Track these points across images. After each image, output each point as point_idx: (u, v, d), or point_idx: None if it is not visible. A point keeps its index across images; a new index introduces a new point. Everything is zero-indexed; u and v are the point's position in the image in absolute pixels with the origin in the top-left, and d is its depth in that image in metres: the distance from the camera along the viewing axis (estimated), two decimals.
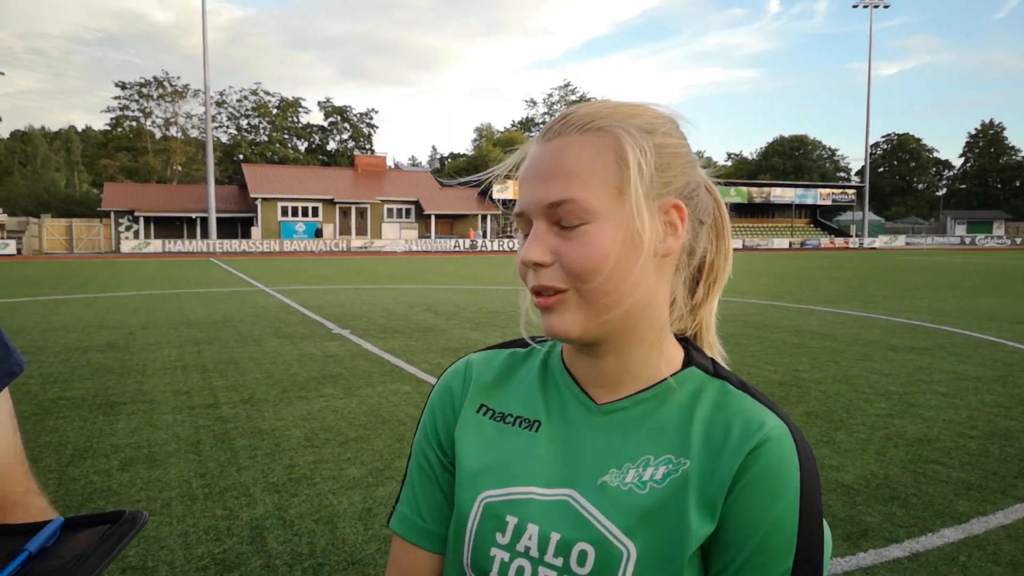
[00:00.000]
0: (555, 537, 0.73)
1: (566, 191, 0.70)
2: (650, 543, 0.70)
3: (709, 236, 0.81)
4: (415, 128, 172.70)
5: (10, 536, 0.71)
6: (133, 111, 69.93)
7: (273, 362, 7.71)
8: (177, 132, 71.51)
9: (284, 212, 49.70)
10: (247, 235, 49.47)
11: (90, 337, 9.42)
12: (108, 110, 70.95)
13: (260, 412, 5.66)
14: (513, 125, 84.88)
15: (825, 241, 59.15)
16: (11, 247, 38.61)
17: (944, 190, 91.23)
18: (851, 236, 61.95)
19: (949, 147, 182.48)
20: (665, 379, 0.77)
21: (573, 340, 0.74)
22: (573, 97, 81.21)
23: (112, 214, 47.26)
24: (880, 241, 60.46)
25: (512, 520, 0.76)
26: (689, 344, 0.82)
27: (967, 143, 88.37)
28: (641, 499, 0.72)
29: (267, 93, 75.19)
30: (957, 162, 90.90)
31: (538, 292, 0.73)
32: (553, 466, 0.77)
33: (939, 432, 5.08)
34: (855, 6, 61.11)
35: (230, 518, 3.63)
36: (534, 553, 0.74)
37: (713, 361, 0.81)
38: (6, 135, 77.84)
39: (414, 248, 48.27)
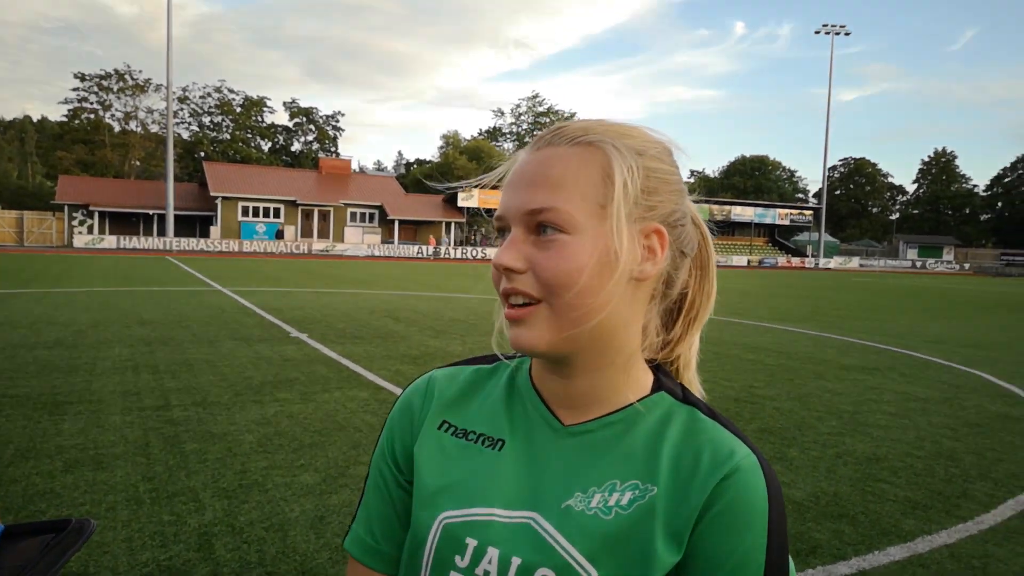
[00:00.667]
0: (516, 562, 0.72)
1: (548, 200, 0.70)
2: (613, 570, 0.69)
3: (691, 270, 0.81)
4: (382, 133, 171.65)
5: None
6: (92, 103, 68.48)
7: (228, 364, 7.57)
8: (137, 127, 70.20)
9: (245, 212, 49.00)
10: (206, 234, 48.63)
11: (38, 334, 9.15)
12: (66, 101, 69.16)
13: (212, 415, 5.54)
14: (480, 134, 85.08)
15: (782, 260, 60.34)
16: None
17: (897, 214, 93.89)
18: (807, 256, 63.31)
19: (903, 173, 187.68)
20: (632, 404, 0.76)
21: (539, 354, 0.73)
22: (541, 108, 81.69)
23: (66, 208, 46.08)
24: (835, 262, 61.86)
25: (472, 543, 0.74)
26: (659, 370, 0.81)
27: (920, 170, 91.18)
28: (606, 525, 0.71)
29: (231, 91, 74.24)
30: (910, 188, 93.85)
31: (507, 296, 0.72)
32: (516, 487, 0.76)
33: (887, 451, 5.19)
34: (817, 32, 62.80)
35: (177, 524, 3.54)
36: None
37: (682, 387, 0.80)
38: None
39: (376, 253, 47.94)
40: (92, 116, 68.15)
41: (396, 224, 52.14)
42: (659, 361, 0.82)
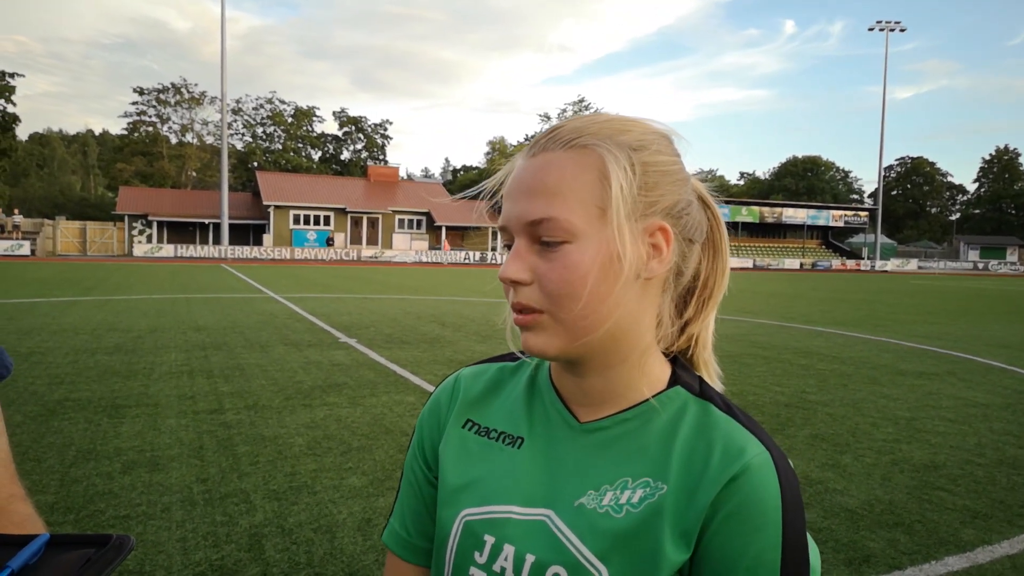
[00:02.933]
0: (530, 559, 0.73)
1: (547, 210, 0.69)
2: (623, 569, 0.69)
3: (702, 253, 0.79)
4: (429, 140, 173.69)
5: None
6: (150, 116, 70.64)
7: (279, 369, 7.73)
8: (193, 138, 72.16)
9: (296, 220, 49.94)
10: (259, 242, 49.71)
11: (99, 339, 9.47)
12: (125, 115, 71.57)
13: (264, 419, 5.66)
14: (526, 139, 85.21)
15: (836, 263, 58.90)
16: (25, 248, 38.94)
17: (957, 215, 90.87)
18: (863, 258, 61.67)
19: (963, 172, 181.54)
20: (647, 399, 0.76)
21: (550, 359, 0.74)
22: (586, 113, 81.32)
23: (126, 218, 47.61)
24: (892, 264, 60.14)
25: (490, 539, 0.76)
26: (677, 363, 0.80)
27: (981, 168, 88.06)
28: (616, 523, 0.71)
29: (282, 102, 75.77)
30: (971, 187, 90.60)
31: (517, 309, 0.72)
32: (533, 485, 0.77)
33: (946, 459, 5.03)
34: (871, 29, 61.18)
35: (229, 524, 3.62)
36: (510, 574, 0.73)
37: (701, 380, 0.79)
38: (24, 137, 78.64)
39: (424, 259, 48.36)
40: (150, 129, 70.33)
41: (443, 230, 52.54)
42: (676, 348, 0.81)
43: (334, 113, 79.92)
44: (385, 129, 79.54)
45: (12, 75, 54.20)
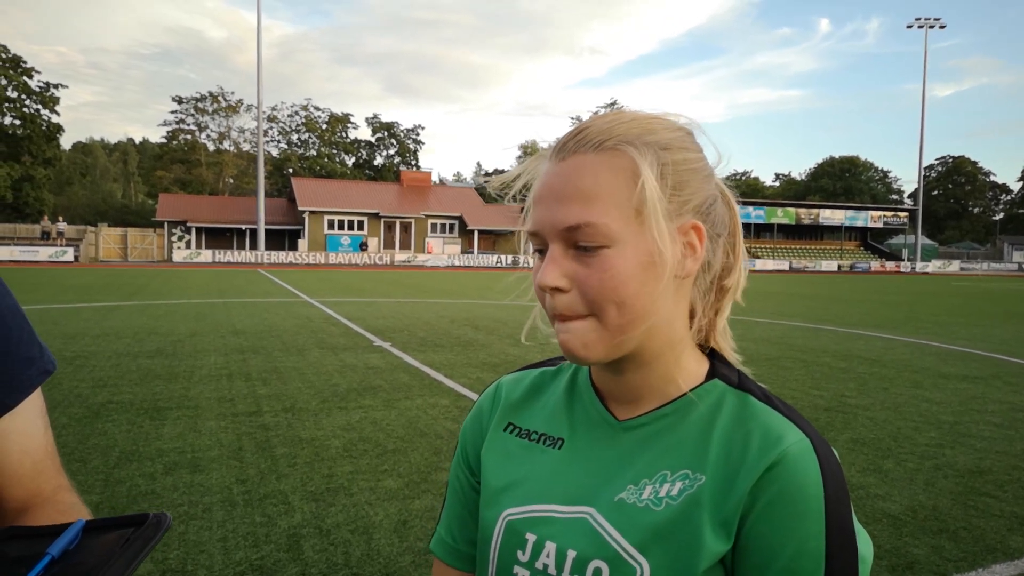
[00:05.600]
0: (571, 554, 0.73)
1: (584, 215, 0.69)
2: (664, 560, 0.69)
3: (725, 247, 0.79)
4: (460, 144, 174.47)
5: (31, 538, 0.70)
6: (188, 125, 72.02)
7: (315, 372, 7.81)
8: (230, 146, 73.39)
9: (330, 225, 50.50)
10: (294, 247, 50.35)
11: (140, 343, 9.67)
12: (164, 123, 73.43)
13: (301, 421, 5.73)
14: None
15: (875, 265, 57.81)
16: (69, 254, 39.91)
17: (1001, 214, 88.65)
18: (903, 260, 60.44)
19: (1007, 170, 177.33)
20: (685, 393, 0.76)
21: (593, 363, 0.74)
22: (607, 111, 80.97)
23: (166, 224, 48.58)
24: (933, 266, 58.86)
25: (531, 537, 0.76)
26: (715, 356, 0.80)
27: None
28: (656, 516, 0.71)
29: (316, 109, 76.68)
30: (1015, 186, 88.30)
31: (555, 313, 0.72)
32: (573, 483, 0.77)
33: (992, 464, 4.90)
34: (909, 26, 60.06)
35: (268, 525, 3.67)
36: (552, 571, 0.74)
37: (740, 374, 0.79)
38: (68, 147, 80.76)
39: (457, 263, 48.55)
40: (189, 137, 71.71)
41: (475, 234, 52.72)
42: (702, 338, 0.81)
43: (367, 119, 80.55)
44: (417, 134, 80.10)
45: (56, 86, 55.72)
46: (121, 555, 0.66)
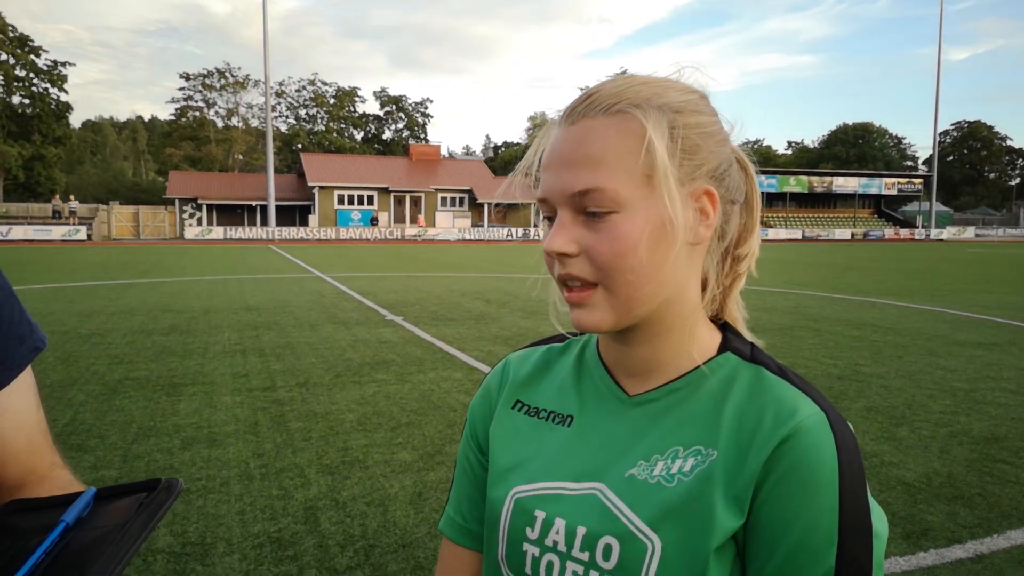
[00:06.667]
0: (581, 531, 0.72)
1: (593, 180, 0.67)
2: (676, 537, 0.68)
3: (741, 214, 0.77)
4: (468, 117, 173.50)
5: (43, 509, 0.70)
6: (197, 101, 71.90)
7: (328, 347, 7.85)
8: (238, 122, 73.30)
9: (340, 200, 50.47)
10: (305, 223, 50.40)
11: (155, 320, 9.75)
12: (173, 100, 73.06)
13: (315, 396, 5.77)
14: None
15: (890, 232, 57.31)
16: (82, 233, 40.15)
17: (1017, 180, 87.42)
18: (917, 227, 59.86)
19: (1023, 134, 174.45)
20: (698, 367, 0.74)
21: (603, 332, 0.73)
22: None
23: (176, 202, 48.70)
24: (948, 232, 58.28)
25: (540, 515, 0.75)
26: (727, 328, 0.79)
27: None
28: (668, 492, 0.70)
29: (324, 83, 76.43)
30: None
31: (564, 282, 0.71)
32: (583, 460, 0.76)
33: (1007, 431, 4.88)
34: None
35: (285, 498, 3.71)
36: (562, 548, 0.73)
37: (752, 346, 0.77)
38: (77, 125, 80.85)
39: (467, 237, 48.51)
40: (197, 114, 71.65)
41: (485, 207, 52.58)
42: (715, 309, 0.79)
43: (375, 93, 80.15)
44: (425, 108, 79.71)
45: (64, 64, 55.65)
46: (136, 519, 0.66)
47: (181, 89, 72.35)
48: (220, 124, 72.54)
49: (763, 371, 0.73)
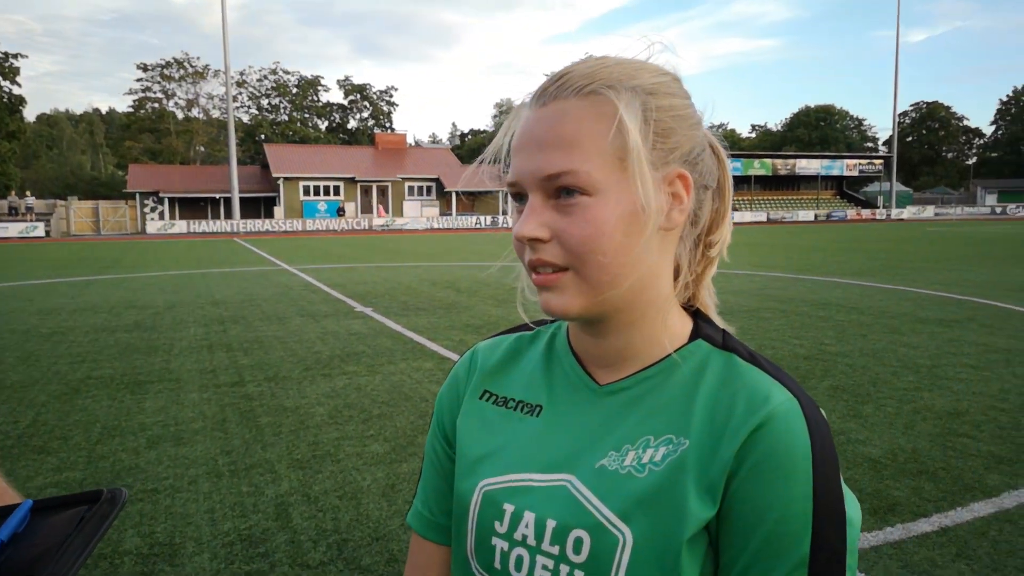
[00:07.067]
0: (551, 524, 0.70)
1: (565, 163, 0.65)
2: (647, 528, 0.66)
3: (713, 199, 0.76)
4: (434, 105, 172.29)
5: None
6: (155, 93, 70.42)
7: (297, 340, 7.77)
8: (199, 113, 72.04)
9: (306, 191, 49.89)
10: (270, 215, 49.75)
11: (118, 317, 9.55)
12: (130, 92, 71.78)
13: (284, 390, 5.70)
14: None
15: (852, 213, 58.24)
16: (40, 229, 39.17)
17: (974, 159, 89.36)
18: (878, 207, 60.94)
19: (980, 115, 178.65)
20: (669, 355, 0.73)
21: (572, 319, 0.71)
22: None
23: (137, 196, 47.74)
24: (908, 212, 59.39)
25: (509, 508, 0.73)
26: (698, 316, 0.77)
27: (999, 110, 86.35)
28: (639, 483, 0.68)
29: (286, 72, 75.28)
30: (988, 130, 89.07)
31: (534, 267, 0.69)
32: (552, 451, 0.74)
33: (969, 405, 5.00)
34: None
35: (256, 495, 3.66)
36: (531, 541, 0.71)
37: (724, 333, 0.76)
38: (32, 119, 78.68)
39: (435, 226, 48.28)
40: (156, 105, 70.22)
41: (453, 196, 52.34)
42: (687, 296, 0.78)
43: (338, 82, 79.18)
44: (390, 96, 78.98)
45: (16, 56, 54.04)
46: (77, 535, 0.62)
47: (139, 80, 71.05)
48: (180, 115, 71.20)
49: (735, 358, 0.72)
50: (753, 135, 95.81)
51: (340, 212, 49.18)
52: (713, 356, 0.73)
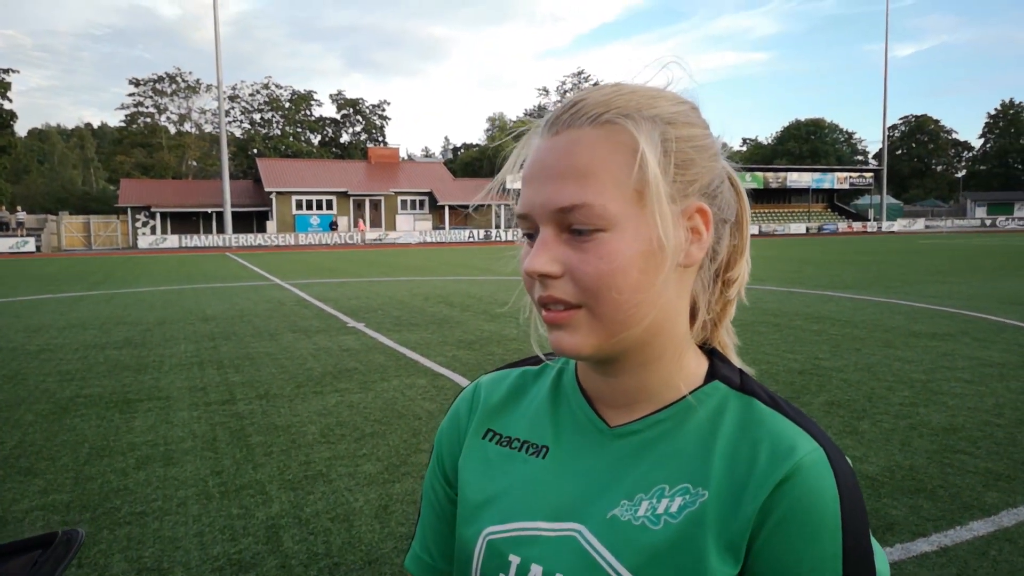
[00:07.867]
0: None
1: (579, 195, 0.62)
2: None
3: (732, 235, 0.72)
4: (427, 119, 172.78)
5: None
6: (147, 107, 70.36)
7: (289, 357, 7.70)
8: (191, 127, 72.00)
9: (299, 205, 49.82)
10: (262, 229, 49.64)
11: (108, 334, 9.47)
12: (122, 107, 71.45)
13: (276, 408, 5.64)
14: (526, 114, 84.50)
15: (843, 226, 58.54)
16: (30, 245, 38.97)
17: (964, 172, 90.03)
18: (869, 220, 61.28)
19: (968, 128, 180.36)
20: (684, 397, 0.69)
21: (584, 359, 0.67)
22: (587, 85, 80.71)
23: (129, 210, 47.55)
24: (899, 225, 59.75)
25: (515, 560, 0.69)
26: (715, 355, 0.73)
27: (987, 123, 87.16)
28: (653, 535, 0.64)
29: (278, 86, 75.28)
30: (977, 143, 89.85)
31: (545, 304, 0.65)
32: (560, 497, 0.70)
33: (964, 421, 4.97)
34: None
35: (246, 517, 3.60)
36: None
37: (742, 373, 0.72)
38: (23, 134, 78.44)
39: (428, 239, 48.25)
40: (148, 120, 70.11)
41: (446, 210, 52.35)
42: (705, 336, 0.74)
43: (331, 96, 79.22)
44: (383, 110, 79.04)
45: (7, 71, 53.92)
46: None
47: (131, 95, 71.06)
48: (172, 130, 71.12)
49: (754, 402, 0.68)
50: (744, 148, 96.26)
51: (333, 226, 49.11)
52: (731, 399, 0.69)
